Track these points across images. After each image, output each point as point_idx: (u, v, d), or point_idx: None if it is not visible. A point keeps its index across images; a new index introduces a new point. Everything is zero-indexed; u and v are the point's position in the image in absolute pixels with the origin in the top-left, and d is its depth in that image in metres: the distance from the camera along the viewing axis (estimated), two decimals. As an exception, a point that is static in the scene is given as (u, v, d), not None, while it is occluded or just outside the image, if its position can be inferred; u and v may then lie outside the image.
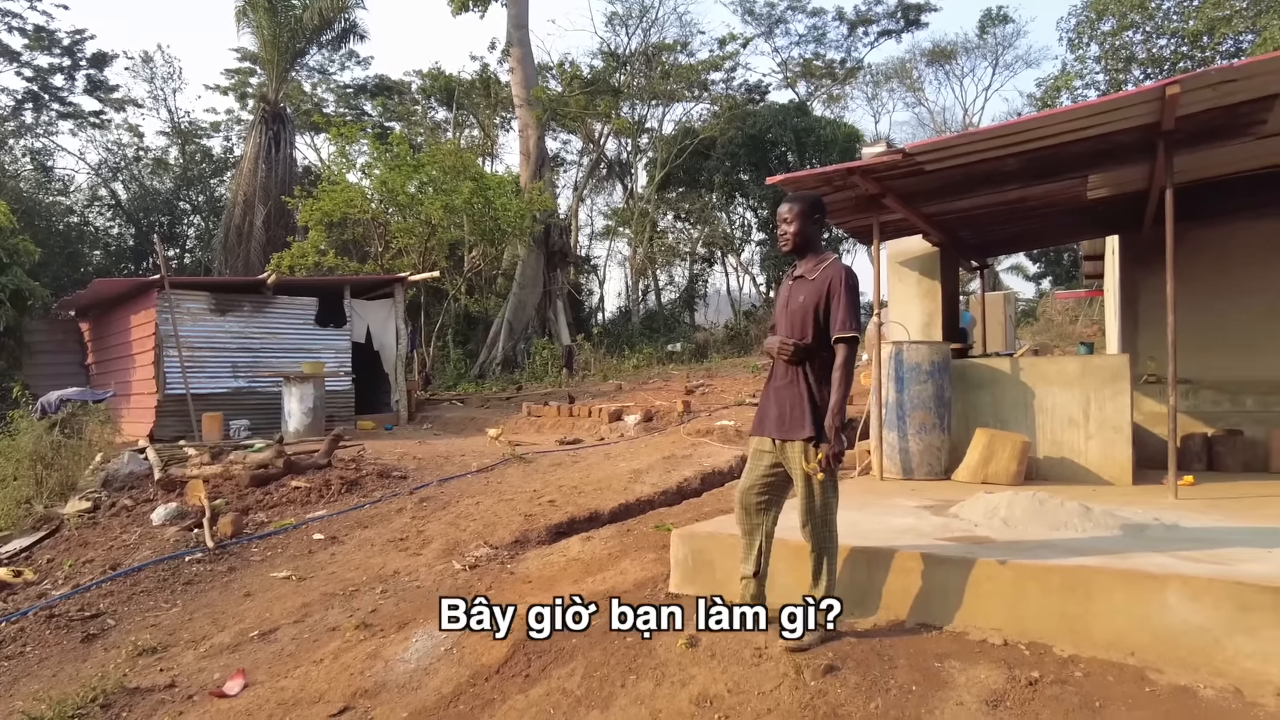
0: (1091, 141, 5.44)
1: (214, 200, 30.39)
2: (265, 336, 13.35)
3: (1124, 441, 6.04)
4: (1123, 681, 2.81)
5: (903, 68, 35.38)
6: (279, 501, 7.40)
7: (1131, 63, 21.50)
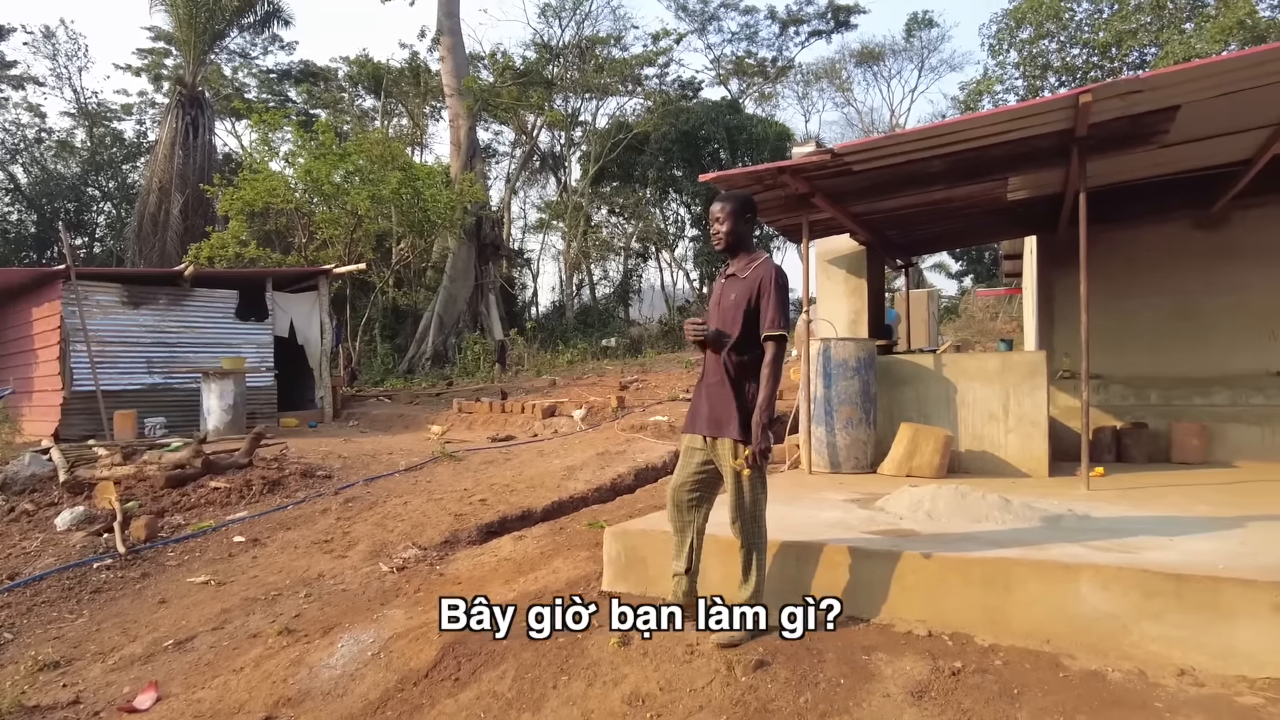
0: (1012, 145, 5.64)
1: (126, 187, 28.98)
2: (183, 331, 12.79)
3: (1041, 435, 6.29)
4: (1039, 668, 2.92)
5: (832, 68, 36.10)
6: (197, 503, 7.09)
7: (1048, 70, 22.38)
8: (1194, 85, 4.74)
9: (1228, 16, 18.04)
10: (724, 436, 3.26)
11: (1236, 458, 7.08)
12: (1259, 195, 6.85)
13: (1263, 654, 2.78)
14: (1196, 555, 3.30)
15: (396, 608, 4.40)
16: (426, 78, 28.99)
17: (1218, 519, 4.26)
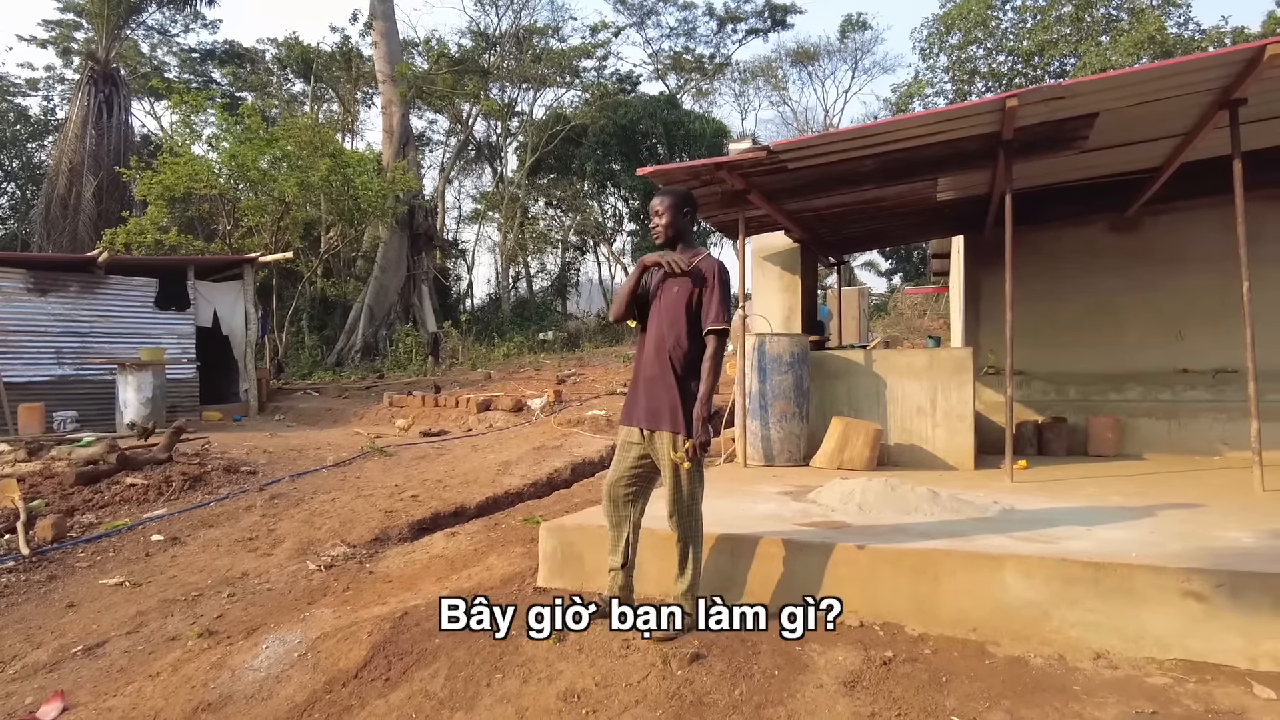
0: (941, 146, 5.79)
1: (32, 166, 27.49)
2: (96, 320, 12.19)
3: (967, 429, 6.49)
4: (966, 656, 3.01)
5: (769, 66, 36.58)
6: (111, 501, 6.76)
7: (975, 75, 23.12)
8: (1112, 94, 4.94)
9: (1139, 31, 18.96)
10: (662, 430, 3.26)
11: (1147, 450, 7.44)
12: (1169, 201, 7.19)
13: (1170, 636, 2.92)
14: (1112, 544, 3.44)
15: (325, 607, 4.27)
16: (358, 63, 28.27)
17: (1130, 509, 4.46)
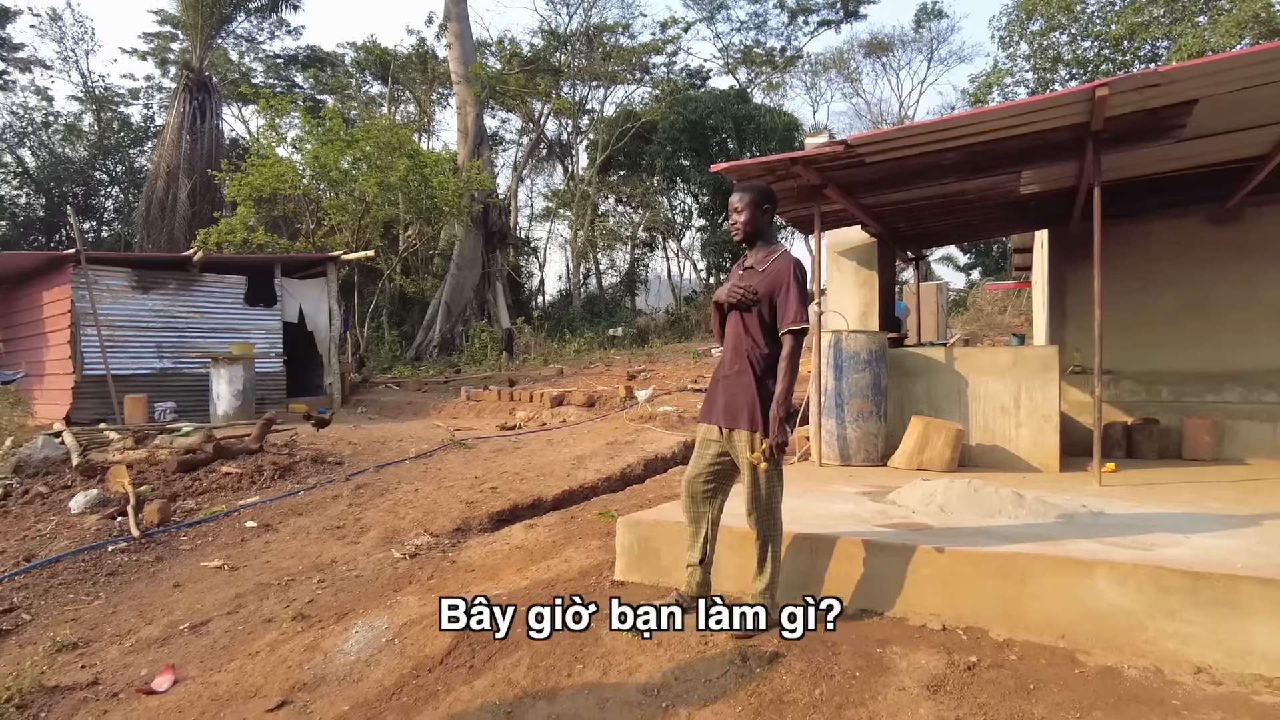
0: (1026, 138, 5.61)
1: (134, 171, 29.01)
2: (192, 315, 12.83)
3: (1052, 429, 6.29)
4: (1054, 664, 2.93)
5: (841, 58, 35.98)
6: (209, 488, 7.14)
7: (1058, 63, 22.24)
8: (1213, 80, 4.70)
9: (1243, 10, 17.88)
10: (740, 428, 3.27)
11: (1248, 455, 7.08)
12: (1273, 191, 6.81)
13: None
14: (1212, 552, 3.30)
15: (410, 594, 4.43)
16: (434, 64, 28.94)
17: (1232, 516, 4.26)
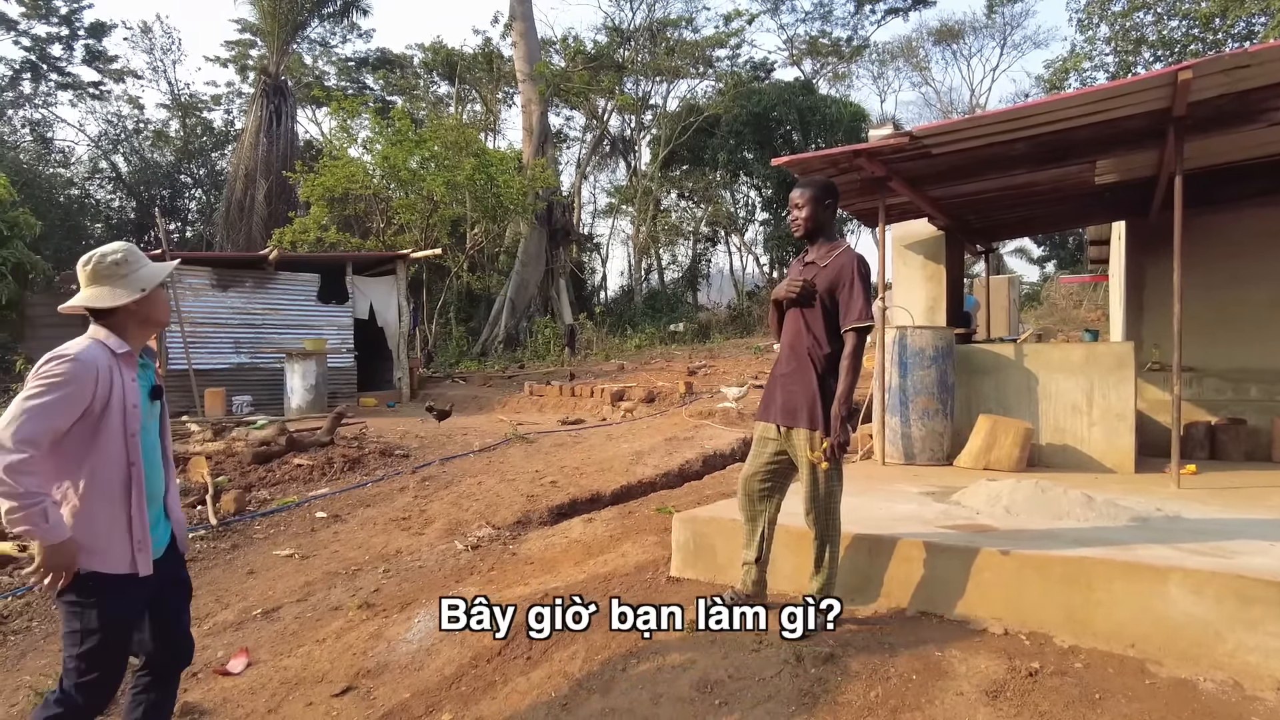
0: (1101, 126, 5.39)
1: (215, 174, 30.27)
2: (267, 312, 13.33)
3: (1127, 429, 6.04)
4: (1123, 673, 2.82)
5: (909, 46, 35.19)
6: (281, 479, 7.42)
7: (1142, 44, 21.26)
8: (1311, 59, 4.43)
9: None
10: (799, 427, 3.23)
11: (1345, 457, 6.66)
12: (1377, 177, 6.39)
13: (1371, 668, 2.63)
14: (1299, 561, 3.13)
15: (471, 585, 4.53)
16: (499, 63, 29.35)
17: (1323, 523, 4.03)
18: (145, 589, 2.51)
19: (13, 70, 28.91)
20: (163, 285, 2.60)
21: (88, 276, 2.51)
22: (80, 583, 2.38)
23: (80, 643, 2.40)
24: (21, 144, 27.59)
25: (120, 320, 2.50)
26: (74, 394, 2.30)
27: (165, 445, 2.68)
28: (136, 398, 2.48)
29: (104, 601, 2.41)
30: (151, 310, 2.56)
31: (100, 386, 2.36)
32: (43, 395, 2.26)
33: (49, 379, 2.29)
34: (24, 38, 28.73)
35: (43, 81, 29.81)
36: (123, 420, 2.42)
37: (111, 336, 2.47)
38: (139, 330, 2.54)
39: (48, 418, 2.26)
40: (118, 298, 2.47)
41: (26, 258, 13.53)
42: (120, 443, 2.42)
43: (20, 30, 28.50)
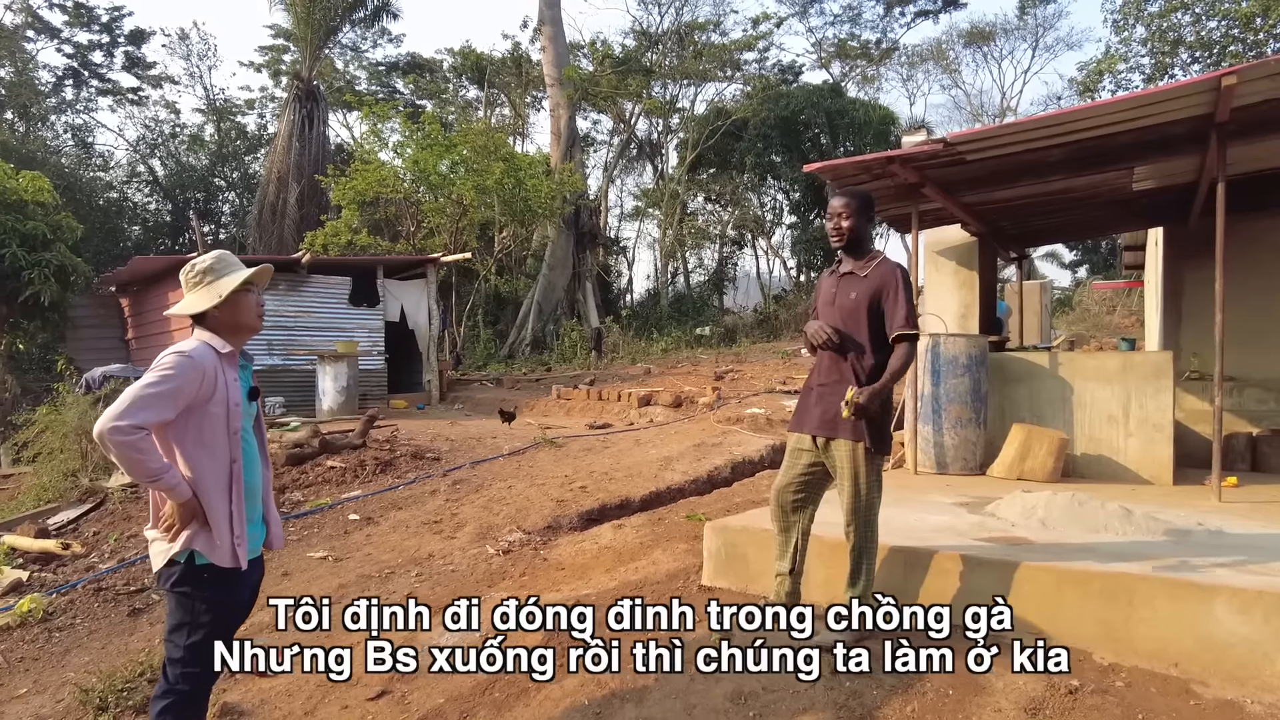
0: (1140, 132, 5.31)
1: (248, 177, 30.70)
2: (300, 315, 13.50)
3: (1165, 440, 5.94)
4: (1166, 693, 2.78)
5: (939, 49, 34.79)
6: (315, 481, 7.51)
7: (1179, 46, 20.86)
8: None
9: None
10: (841, 438, 3.22)
11: (1393, 470, 6.50)
12: None
13: None
14: (1348, 580, 3.06)
15: (503, 590, 4.56)
16: (528, 68, 29.49)
17: (1372, 539, 3.93)
18: (247, 585, 2.70)
19: (55, 77, 29.61)
20: (249, 290, 2.70)
21: (184, 285, 2.69)
22: (194, 574, 2.54)
23: (188, 635, 2.55)
24: (64, 149, 28.17)
25: (213, 324, 2.65)
26: (182, 387, 2.46)
27: (262, 444, 2.83)
28: (239, 396, 2.63)
29: (214, 594, 2.57)
30: (236, 316, 2.67)
31: (206, 383, 2.51)
32: (157, 385, 2.42)
33: (164, 370, 2.46)
34: (67, 45, 29.43)
35: (84, 88, 30.49)
36: (226, 417, 2.57)
37: (215, 338, 2.63)
38: (231, 335, 2.68)
39: (157, 405, 2.42)
40: (203, 303, 2.63)
41: (68, 260, 13.80)
42: (224, 439, 2.57)
43: (63, 38, 29.19)
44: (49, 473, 8.11)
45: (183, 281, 2.69)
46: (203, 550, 2.52)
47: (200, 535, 2.52)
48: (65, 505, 7.43)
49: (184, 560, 2.53)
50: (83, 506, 7.29)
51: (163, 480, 2.43)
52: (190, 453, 2.52)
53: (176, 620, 2.57)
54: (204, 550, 2.52)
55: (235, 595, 2.66)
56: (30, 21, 28.32)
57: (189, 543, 2.51)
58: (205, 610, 2.56)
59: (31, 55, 28.31)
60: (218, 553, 2.54)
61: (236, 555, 2.57)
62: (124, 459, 2.37)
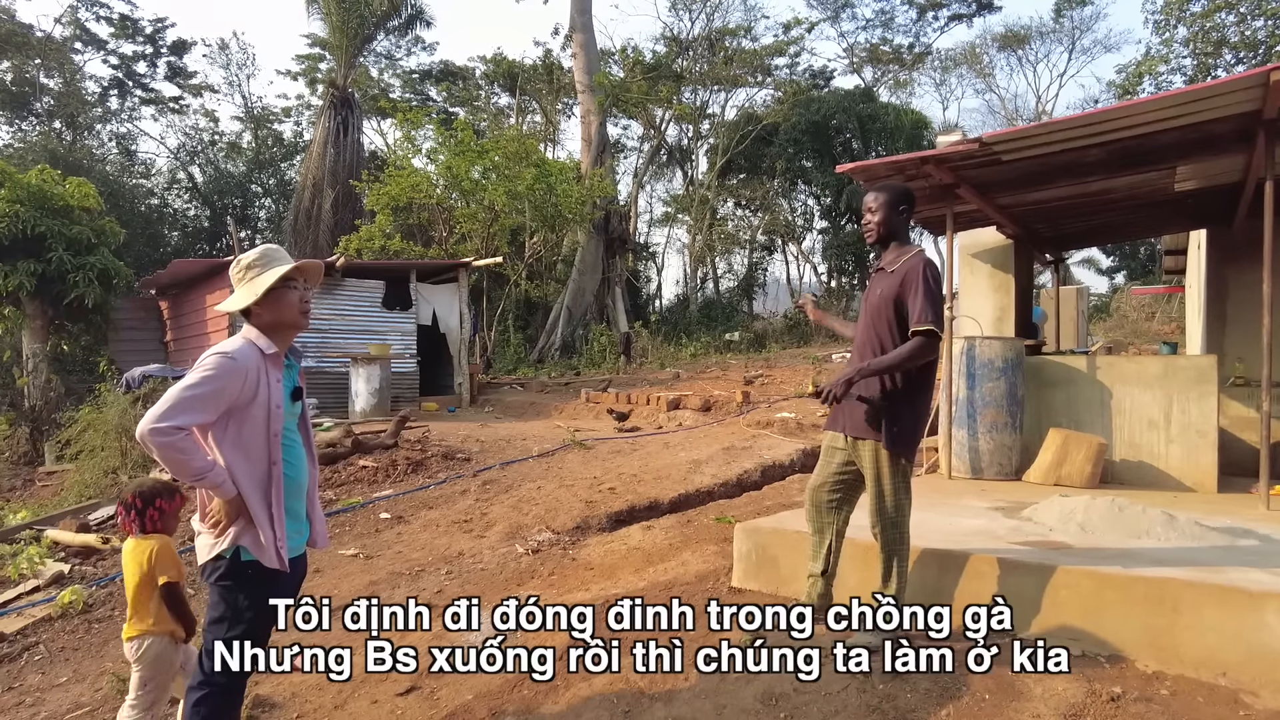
0: (1182, 131, 5.20)
1: (284, 183, 31.22)
2: (334, 318, 13.67)
3: (1209, 446, 5.79)
4: (1214, 703, 2.70)
5: (973, 53, 34.40)
6: (347, 480, 7.59)
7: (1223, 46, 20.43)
8: None
9: None
10: (868, 439, 3.17)
11: None
12: None
13: None
14: (1406, 589, 2.95)
15: (532, 589, 4.56)
16: (559, 74, 29.65)
17: None
18: (291, 584, 2.70)
19: (101, 87, 30.39)
20: (292, 287, 2.66)
21: (233, 281, 2.69)
22: (240, 569, 2.55)
23: (228, 628, 2.56)
24: (108, 156, 28.89)
25: (257, 322, 2.64)
26: (224, 389, 2.46)
27: (309, 443, 2.82)
28: (280, 399, 2.61)
29: (257, 589, 2.58)
30: (277, 313, 2.64)
31: (247, 385, 2.50)
32: (198, 387, 2.43)
33: (206, 372, 2.45)
34: (112, 56, 30.22)
35: (128, 97, 31.25)
36: (266, 420, 2.56)
37: (261, 337, 2.61)
38: (275, 333, 2.65)
39: (198, 406, 2.43)
40: (240, 301, 2.62)
41: (112, 264, 14.13)
42: (263, 442, 2.56)
43: (109, 49, 29.98)
44: (90, 470, 8.29)
45: (231, 278, 2.69)
46: (249, 547, 2.53)
47: (248, 533, 2.53)
48: (105, 501, 7.58)
49: (230, 555, 2.54)
50: (122, 503, 7.42)
51: (208, 478, 2.44)
52: (228, 454, 2.52)
53: (218, 613, 2.58)
54: (250, 548, 2.53)
55: (278, 592, 2.66)
56: (78, 34, 29.12)
57: (236, 539, 2.53)
58: (248, 605, 2.57)
59: (79, 66, 29.10)
60: (264, 552, 2.55)
61: (280, 556, 2.57)
62: (166, 459, 2.38)
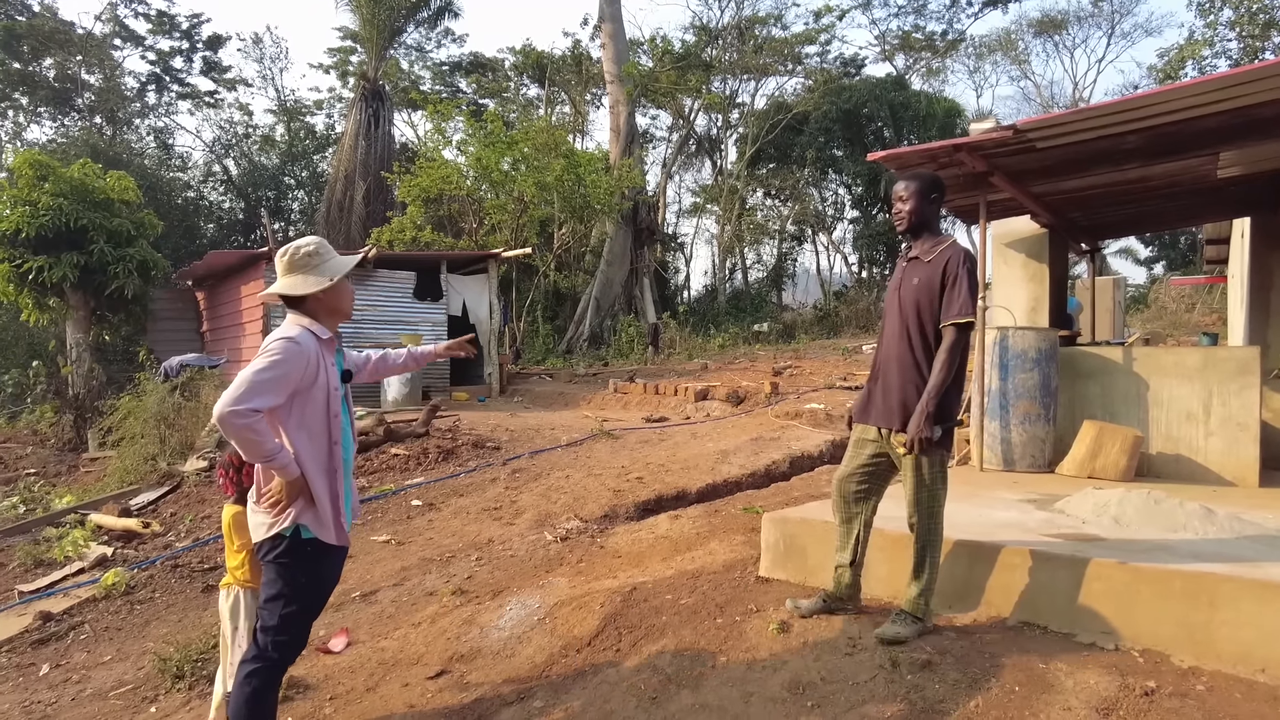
0: (1227, 115, 5.05)
1: (317, 176, 31.59)
2: (366, 309, 13.80)
3: (1251, 440, 5.65)
4: (1252, 699, 2.64)
5: (1008, 39, 33.85)
6: (379, 468, 7.69)
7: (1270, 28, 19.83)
8: None
9: None
10: (902, 430, 3.15)
11: None
12: None
13: None
14: None
15: (560, 576, 4.59)
16: (588, 65, 29.63)
17: None
18: (342, 560, 2.79)
19: (139, 83, 30.96)
20: (347, 277, 2.76)
21: (285, 266, 2.72)
22: (299, 547, 2.62)
23: (284, 605, 2.63)
24: (146, 150, 29.44)
25: (311, 308, 2.71)
26: (290, 372, 2.53)
27: (351, 425, 2.90)
28: (337, 381, 2.70)
29: (313, 567, 2.66)
30: (338, 300, 2.75)
31: (309, 368, 2.58)
32: (267, 370, 2.50)
33: (273, 356, 2.52)
34: (150, 52, 30.76)
35: (165, 92, 31.81)
36: (326, 401, 2.64)
37: (314, 323, 2.68)
38: (328, 319, 2.74)
39: (269, 389, 2.49)
40: (309, 286, 2.68)
41: (150, 256, 14.43)
42: (323, 422, 2.65)
43: (146, 45, 30.51)
44: (131, 456, 8.49)
45: (284, 263, 2.72)
46: (310, 526, 2.60)
47: (308, 512, 2.60)
48: (145, 487, 7.76)
49: (290, 534, 2.60)
50: (161, 489, 7.61)
51: (276, 460, 2.51)
52: (293, 434, 2.59)
53: (275, 590, 2.64)
54: (311, 526, 2.60)
55: (333, 569, 2.75)
56: (117, 30, 29.67)
57: (297, 517, 2.59)
58: (306, 583, 2.65)
59: (118, 62, 29.65)
60: (324, 529, 2.62)
61: (341, 532, 2.66)
62: (241, 440, 2.46)
